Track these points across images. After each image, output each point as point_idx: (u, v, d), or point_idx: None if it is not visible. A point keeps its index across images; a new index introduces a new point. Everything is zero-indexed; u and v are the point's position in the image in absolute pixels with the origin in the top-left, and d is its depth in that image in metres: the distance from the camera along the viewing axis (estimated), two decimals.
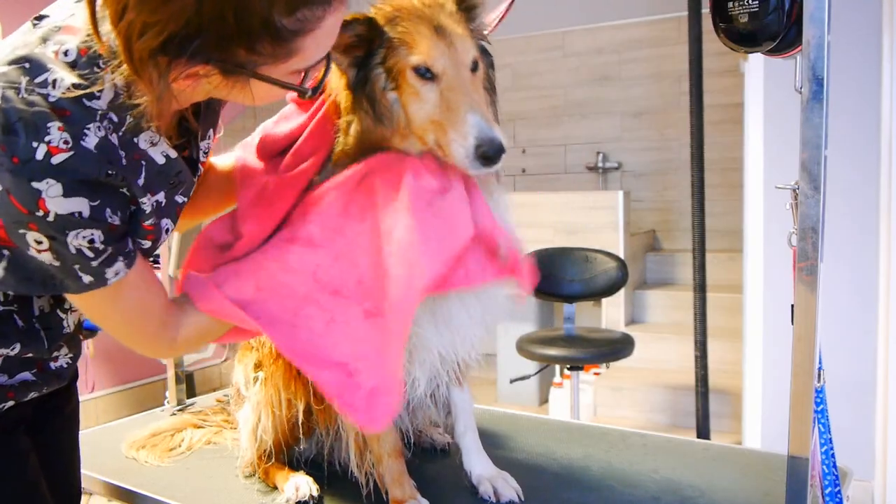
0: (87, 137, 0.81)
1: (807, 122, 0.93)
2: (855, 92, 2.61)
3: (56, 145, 0.78)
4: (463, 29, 1.03)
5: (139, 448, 1.52)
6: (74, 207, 0.80)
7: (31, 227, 0.81)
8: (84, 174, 0.80)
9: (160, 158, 0.92)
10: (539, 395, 4.19)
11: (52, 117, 0.79)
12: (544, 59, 5.14)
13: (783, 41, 0.98)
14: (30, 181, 0.78)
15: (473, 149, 0.94)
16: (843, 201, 2.62)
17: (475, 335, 1.15)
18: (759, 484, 1.25)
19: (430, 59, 0.98)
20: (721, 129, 4.24)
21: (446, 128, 0.97)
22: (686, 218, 4.50)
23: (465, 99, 0.97)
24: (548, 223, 4.14)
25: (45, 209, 0.79)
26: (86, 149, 0.81)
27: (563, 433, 1.55)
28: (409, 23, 1.00)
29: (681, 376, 3.75)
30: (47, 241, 0.82)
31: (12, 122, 0.78)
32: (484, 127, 0.95)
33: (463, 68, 1.00)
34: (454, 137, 0.96)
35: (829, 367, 1.06)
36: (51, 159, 0.78)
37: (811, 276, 0.95)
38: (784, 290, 1.05)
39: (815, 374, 0.97)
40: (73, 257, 0.84)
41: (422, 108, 0.99)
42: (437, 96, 0.99)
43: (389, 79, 1.01)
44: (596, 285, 3.27)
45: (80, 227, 0.82)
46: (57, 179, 0.78)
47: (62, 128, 0.79)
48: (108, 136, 0.83)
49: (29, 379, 1.05)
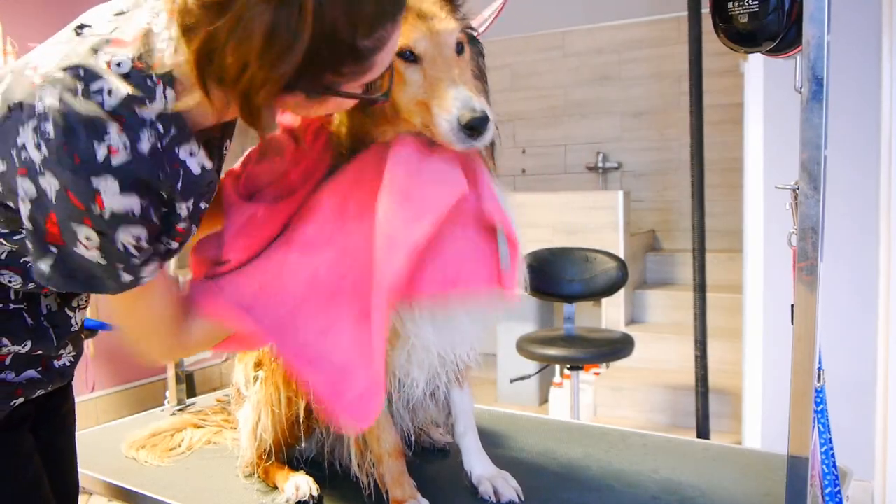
0: (141, 143, 0.85)
1: (807, 122, 0.93)
2: (855, 92, 2.61)
3: (116, 147, 0.82)
4: (446, 13, 1.04)
5: (139, 448, 1.52)
6: (128, 206, 0.84)
7: (86, 222, 0.83)
8: (139, 175, 0.85)
9: (196, 169, 0.95)
10: (539, 395, 4.19)
11: (109, 121, 0.82)
12: (544, 59, 5.14)
13: (783, 41, 0.98)
14: (89, 178, 0.81)
15: (457, 120, 0.95)
16: (843, 201, 2.62)
17: (474, 335, 1.15)
18: (759, 484, 1.25)
19: (411, 41, 1.00)
20: (721, 129, 4.24)
21: (431, 105, 0.98)
22: (686, 218, 4.50)
23: (447, 75, 0.98)
24: (548, 223, 4.14)
25: (101, 206, 0.82)
26: (141, 153, 0.85)
27: (563, 433, 1.55)
28: None
29: (681, 376, 3.75)
30: (97, 237, 0.85)
31: (72, 124, 0.81)
32: (467, 98, 0.95)
33: (446, 49, 1.01)
34: (438, 112, 0.96)
35: (829, 367, 1.06)
36: (111, 160, 0.82)
37: (811, 276, 0.96)
38: (784, 290, 1.05)
39: (815, 374, 0.97)
40: (117, 255, 0.87)
41: (407, 90, 1.00)
42: (420, 77, 1.00)
43: None
44: (596, 285, 3.27)
45: (131, 223, 0.86)
46: (115, 177, 0.82)
47: (120, 131, 0.83)
48: (156, 144, 0.87)
49: (35, 377, 1.07)
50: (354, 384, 1.02)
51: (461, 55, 1.04)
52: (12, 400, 1.05)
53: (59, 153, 0.81)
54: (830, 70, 0.92)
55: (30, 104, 0.83)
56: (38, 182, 0.83)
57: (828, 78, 0.91)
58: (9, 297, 1.03)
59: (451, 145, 0.98)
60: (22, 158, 0.83)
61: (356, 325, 1.02)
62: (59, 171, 0.81)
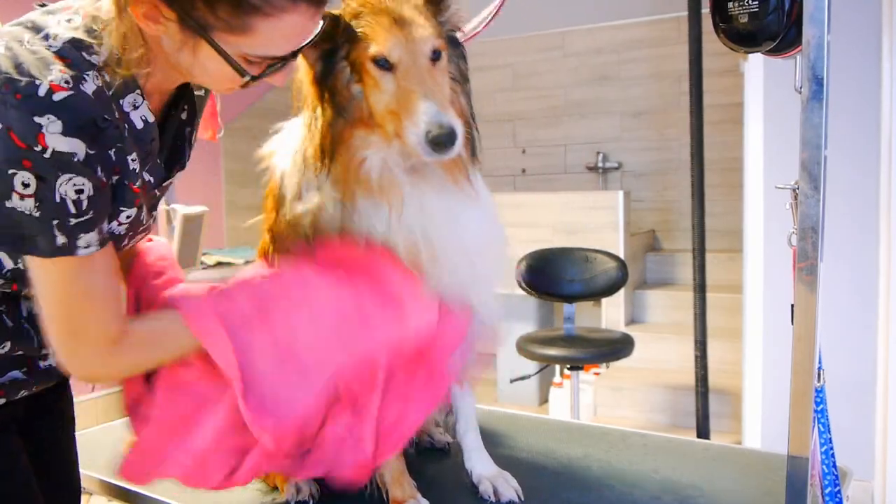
0: (86, 83, 0.86)
1: (807, 121, 0.93)
2: (855, 92, 2.61)
3: (58, 83, 0.83)
4: (425, 19, 1.03)
5: None
6: (72, 148, 0.83)
7: (25, 163, 0.82)
8: (82, 115, 0.84)
9: (139, 122, 0.95)
10: (539, 395, 4.19)
11: (54, 61, 0.85)
12: (544, 59, 5.14)
13: (783, 41, 0.98)
14: (32, 115, 0.81)
15: (424, 134, 0.95)
16: (843, 201, 2.62)
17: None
18: (759, 484, 1.25)
19: (386, 49, 0.99)
20: (721, 129, 4.24)
21: (401, 116, 0.98)
22: (686, 218, 4.49)
23: (419, 88, 0.98)
24: (548, 223, 4.14)
25: (43, 144, 0.81)
26: (85, 92, 0.85)
27: (563, 433, 1.55)
28: (372, 16, 1.01)
29: (681, 376, 3.75)
30: (36, 182, 0.83)
31: (16, 65, 0.83)
32: (435, 112, 0.95)
33: (420, 57, 1.01)
34: (407, 125, 0.97)
35: (829, 367, 1.06)
36: (52, 96, 0.82)
37: (811, 275, 0.95)
38: (784, 290, 1.05)
39: (815, 374, 0.97)
40: (54, 208, 0.84)
41: (381, 98, 1.01)
42: (394, 86, 1.00)
43: (353, 72, 1.03)
44: (596, 285, 3.27)
45: (73, 171, 0.84)
46: (58, 117, 0.82)
47: (63, 71, 0.84)
48: (103, 88, 0.88)
49: (19, 377, 1.06)
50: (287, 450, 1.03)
51: (437, 62, 1.03)
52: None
53: (2, 94, 0.81)
54: (830, 70, 0.92)
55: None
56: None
57: (828, 78, 0.91)
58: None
59: (420, 156, 0.99)
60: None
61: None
62: (2, 112, 0.81)
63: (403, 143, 0.99)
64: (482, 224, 1.13)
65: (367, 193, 1.04)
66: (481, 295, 1.15)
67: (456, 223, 1.08)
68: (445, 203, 1.08)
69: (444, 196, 1.08)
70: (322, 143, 1.03)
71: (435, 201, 1.07)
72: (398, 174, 1.05)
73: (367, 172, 1.04)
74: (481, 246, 1.12)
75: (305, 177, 1.08)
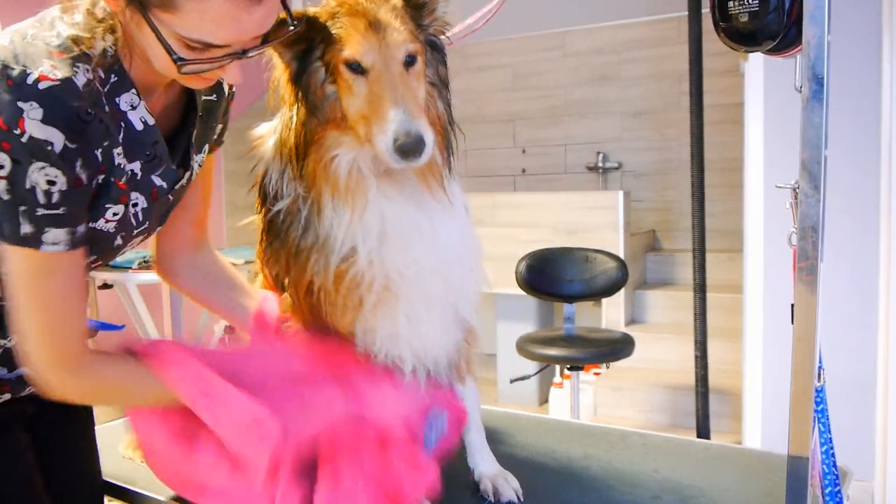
0: (77, 75, 0.88)
1: (807, 121, 0.93)
2: (855, 92, 2.61)
3: (46, 74, 0.86)
4: (402, 23, 1.02)
5: (136, 448, 1.51)
6: (48, 136, 0.85)
7: (5, 145, 0.84)
8: (65, 106, 0.86)
9: (138, 124, 0.96)
10: (539, 395, 4.19)
11: (48, 55, 0.88)
12: (544, 59, 5.14)
13: (783, 41, 0.97)
14: (17, 101, 0.84)
15: (392, 142, 0.94)
16: (843, 201, 2.62)
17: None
18: (759, 484, 1.25)
19: (358, 53, 0.98)
20: (721, 129, 4.24)
21: (371, 122, 0.97)
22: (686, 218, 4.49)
23: (390, 94, 0.96)
24: (548, 223, 4.14)
25: (22, 128, 0.84)
26: (73, 84, 0.88)
27: (563, 433, 1.55)
28: (347, 18, 1.00)
29: (681, 376, 3.75)
30: (11, 165, 0.85)
31: (14, 55, 0.87)
32: (403, 120, 0.94)
33: (393, 63, 0.99)
34: (376, 132, 0.96)
35: (829, 367, 1.06)
36: (38, 84, 0.85)
37: (811, 275, 0.95)
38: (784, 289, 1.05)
39: (815, 374, 0.97)
40: (23, 194, 0.86)
41: (353, 101, 1.00)
42: (366, 90, 0.99)
43: (328, 73, 1.02)
44: (596, 285, 3.27)
45: (47, 161, 0.86)
46: (40, 104, 0.85)
47: (55, 65, 0.87)
48: (96, 83, 0.90)
49: (27, 374, 1.05)
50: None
51: (412, 67, 1.02)
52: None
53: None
54: (830, 70, 0.92)
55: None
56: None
57: (828, 78, 0.91)
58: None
59: (388, 164, 0.98)
60: None
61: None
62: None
63: (373, 148, 0.98)
64: (452, 232, 1.10)
65: (333, 193, 1.03)
66: (452, 302, 1.13)
67: (421, 230, 1.06)
68: (413, 209, 1.06)
69: (413, 202, 1.06)
70: (296, 141, 1.03)
71: (402, 207, 1.06)
72: (367, 177, 1.04)
73: (336, 172, 1.03)
74: (451, 253, 1.10)
75: (286, 174, 1.07)
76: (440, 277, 1.09)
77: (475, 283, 1.17)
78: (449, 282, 1.10)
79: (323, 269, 1.04)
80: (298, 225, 1.06)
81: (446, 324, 1.13)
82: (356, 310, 1.07)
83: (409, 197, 1.06)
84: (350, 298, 1.06)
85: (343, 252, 1.04)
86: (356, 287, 1.05)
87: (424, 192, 1.07)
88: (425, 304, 1.09)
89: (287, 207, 1.06)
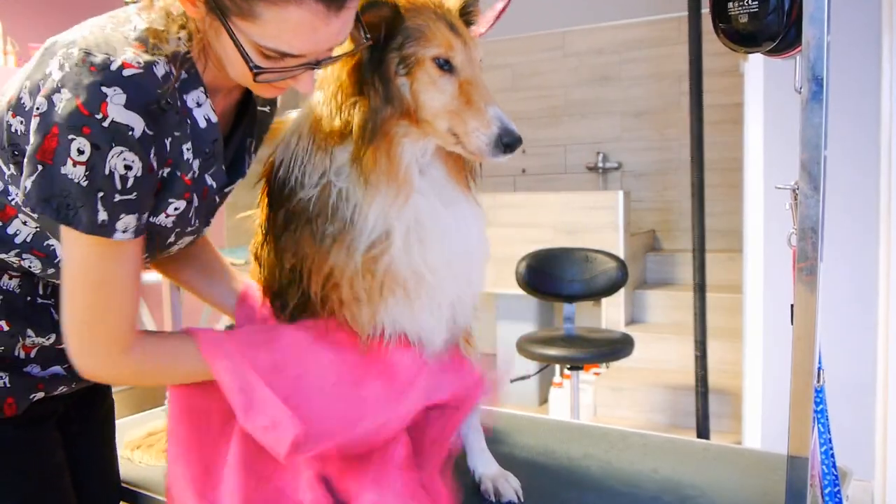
0: (157, 66, 0.91)
1: (806, 122, 0.93)
2: (855, 92, 2.61)
3: (130, 62, 0.88)
4: (469, 31, 1.08)
5: (134, 448, 1.52)
6: (130, 121, 0.87)
7: (85, 130, 0.85)
8: (148, 93, 0.88)
9: (202, 121, 0.98)
10: (539, 395, 4.19)
11: (130, 45, 0.91)
12: (544, 59, 5.14)
13: (783, 41, 0.97)
14: (100, 86, 0.85)
15: (497, 137, 1.00)
16: (843, 201, 2.62)
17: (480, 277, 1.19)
18: (759, 484, 1.25)
19: (450, 52, 1.03)
20: (721, 129, 4.24)
21: (466, 118, 1.02)
22: (686, 218, 4.50)
23: (484, 93, 1.03)
24: (548, 223, 4.14)
25: (105, 112, 0.85)
26: (154, 74, 0.90)
27: (563, 433, 1.55)
28: (426, 17, 1.04)
29: (681, 376, 3.75)
30: (90, 149, 0.86)
31: (97, 43, 0.89)
32: (504, 119, 1.01)
33: (476, 65, 1.06)
34: (476, 126, 1.01)
35: (829, 367, 1.06)
36: (123, 71, 0.87)
37: (811, 276, 0.95)
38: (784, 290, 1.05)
39: (814, 374, 0.97)
40: (102, 179, 0.87)
41: (437, 97, 1.03)
42: (455, 88, 1.03)
43: (402, 65, 1.04)
44: (596, 285, 3.27)
45: (127, 145, 0.87)
46: (124, 90, 0.86)
47: (137, 53, 0.90)
48: (171, 76, 0.93)
49: (60, 373, 1.10)
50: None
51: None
52: (32, 394, 1.07)
53: (78, 66, 0.86)
54: (830, 70, 0.92)
55: (62, 39, 0.92)
56: (52, 98, 0.86)
57: (828, 78, 0.91)
58: (37, 292, 1.06)
59: (480, 155, 1.03)
60: (45, 84, 0.88)
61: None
62: (75, 82, 0.85)
63: (462, 142, 1.03)
64: (473, 232, 1.15)
65: (389, 181, 1.05)
66: (466, 296, 1.17)
67: (448, 227, 1.10)
68: (441, 206, 1.10)
69: (441, 199, 1.11)
70: (362, 127, 1.04)
71: (433, 203, 1.10)
72: (414, 170, 1.08)
73: (398, 161, 1.06)
74: (470, 252, 1.14)
75: (313, 161, 1.08)
76: (456, 275, 1.12)
77: (480, 284, 1.20)
78: (461, 280, 1.14)
79: (349, 257, 1.06)
80: (326, 212, 1.07)
81: (448, 320, 1.15)
82: (377, 299, 1.09)
83: (439, 194, 1.11)
84: (374, 287, 1.08)
85: (372, 239, 1.06)
86: (384, 276, 1.07)
87: (453, 191, 1.12)
88: (438, 299, 1.12)
89: (318, 194, 1.07)
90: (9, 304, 1.04)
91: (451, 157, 1.11)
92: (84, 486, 1.21)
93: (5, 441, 1.06)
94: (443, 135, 1.05)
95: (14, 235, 1.00)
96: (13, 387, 1.05)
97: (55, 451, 1.13)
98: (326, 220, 1.07)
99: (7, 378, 1.05)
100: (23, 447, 1.08)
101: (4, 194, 0.98)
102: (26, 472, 1.08)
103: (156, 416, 1.76)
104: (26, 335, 1.05)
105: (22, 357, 1.06)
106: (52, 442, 1.13)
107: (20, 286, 1.05)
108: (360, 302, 1.08)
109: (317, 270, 1.09)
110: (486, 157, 1.03)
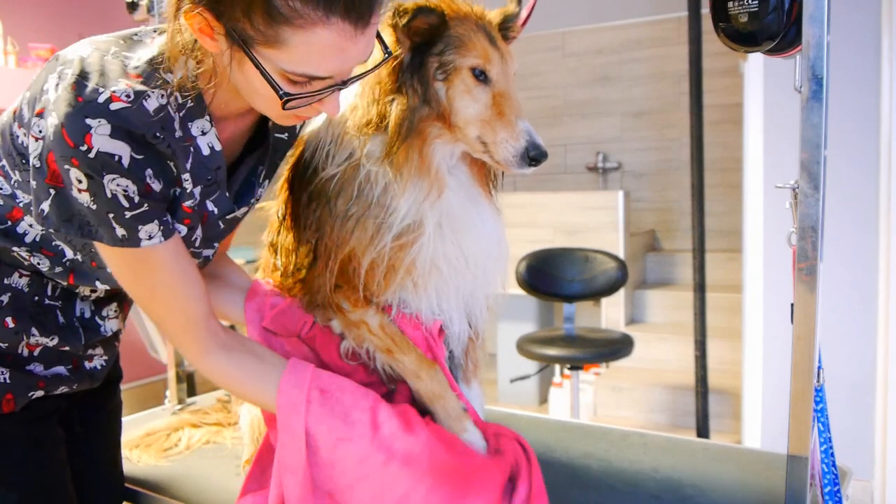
0: (149, 100, 0.89)
1: (806, 121, 0.93)
2: (855, 92, 2.61)
3: (119, 95, 0.87)
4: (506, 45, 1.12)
5: (133, 448, 1.52)
6: (116, 150, 0.86)
7: (74, 161, 0.85)
8: (134, 127, 0.87)
9: (205, 149, 0.98)
10: (539, 394, 4.19)
11: (125, 76, 0.89)
12: (544, 59, 5.14)
13: (783, 41, 0.98)
14: (85, 117, 0.85)
15: (524, 150, 1.04)
16: (843, 201, 2.62)
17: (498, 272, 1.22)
18: (759, 484, 1.25)
19: (487, 63, 1.07)
20: (721, 129, 4.24)
21: (497, 129, 1.06)
22: (686, 218, 4.50)
23: (516, 106, 1.07)
24: (548, 223, 4.14)
25: (89, 144, 0.85)
26: (144, 108, 0.89)
27: (563, 433, 1.55)
28: (467, 27, 1.08)
29: (681, 376, 3.75)
30: (86, 179, 0.86)
31: (88, 72, 0.88)
32: (533, 133, 1.05)
33: (510, 78, 1.10)
34: (506, 137, 1.05)
35: (829, 367, 1.06)
36: (109, 105, 0.86)
37: (811, 275, 0.96)
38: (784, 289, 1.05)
39: (814, 374, 0.97)
40: (108, 203, 0.88)
41: (471, 105, 1.07)
42: (488, 98, 1.07)
43: (441, 70, 1.08)
44: (596, 285, 3.27)
45: (117, 173, 0.87)
46: (108, 121, 0.85)
47: (129, 85, 0.88)
48: (169, 107, 0.91)
49: (63, 374, 1.11)
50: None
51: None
52: (31, 392, 1.08)
53: (67, 92, 0.86)
54: (830, 70, 0.92)
55: (65, 55, 0.91)
56: (43, 121, 0.87)
57: (828, 78, 0.92)
58: (45, 293, 1.07)
59: (506, 166, 1.07)
60: (42, 100, 0.89)
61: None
62: (62, 111, 0.85)
63: (490, 151, 1.06)
64: (495, 232, 1.18)
65: (420, 175, 1.08)
66: (475, 297, 1.20)
67: (474, 224, 1.14)
68: (469, 204, 1.15)
69: (469, 199, 1.15)
70: (399, 124, 1.06)
71: (462, 200, 1.14)
72: (447, 167, 1.12)
73: (430, 158, 1.09)
74: (492, 251, 1.18)
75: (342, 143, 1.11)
76: (482, 268, 1.17)
77: (498, 284, 1.23)
78: (479, 277, 1.17)
79: (375, 239, 1.09)
80: (350, 191, 1.10)
81: (462, 315, 1.20)
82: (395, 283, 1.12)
83: (466, 193, 1.15)
84: (396, 272, 1.11)
85: (402, 227, 1.09)
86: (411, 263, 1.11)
87: (478, 192, 1.17)
88: (456, 292, 1.16)
89: (341, 174, 1.10)
90: (17, 301, 1.05)
91: (476, 162, 1.15)
92: (88, 486, 1.21)
93: (5, 436, 1.07)
94: (472, 142, 1.08)
95: (24, 235, 1.02)
96: (13, 383, 1.06)
97: (57, 448, 1.13)
98: (350, 200, 1.10)
99: (8, 374, 1.05)
100: (23, 443, 1.08)
101: (12, 198, 1.00)
102: (26, 467, 1.08)
103: (155, 416, 1.76)
104: (31, 334, 1.06)
105: (25, 355, 1.07)
106: (54, 439, 1.13)
107: (29, 285, 1.06)
108: (379, 282, 1.12)
109: (335, 247, 1.11)
110: (511, 168, 1.06)
